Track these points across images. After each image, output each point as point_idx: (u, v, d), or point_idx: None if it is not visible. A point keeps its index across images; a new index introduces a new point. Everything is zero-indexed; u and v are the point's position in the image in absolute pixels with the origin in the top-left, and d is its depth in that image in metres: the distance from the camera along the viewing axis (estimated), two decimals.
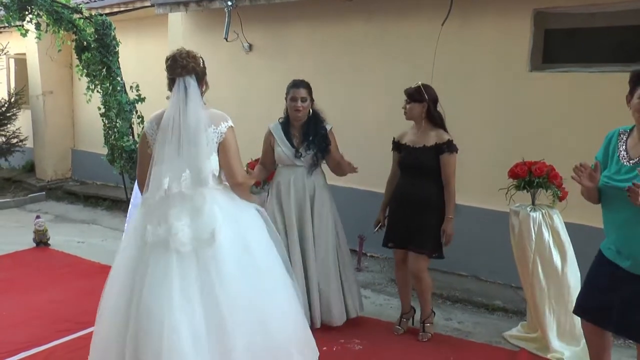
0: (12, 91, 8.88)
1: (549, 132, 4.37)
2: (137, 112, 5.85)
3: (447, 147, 3.48)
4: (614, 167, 2.48)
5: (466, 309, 4.31)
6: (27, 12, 5.51)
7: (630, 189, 2.22)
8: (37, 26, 5.73)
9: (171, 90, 2.62)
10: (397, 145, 3.70)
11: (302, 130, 3.68)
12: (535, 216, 3.39)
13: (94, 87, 5.84)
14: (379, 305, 4.34)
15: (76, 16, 5.73)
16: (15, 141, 8.43)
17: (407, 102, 3.56)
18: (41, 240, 5.63)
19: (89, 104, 5.97)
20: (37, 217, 5.78)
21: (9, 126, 8.39)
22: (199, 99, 2.59)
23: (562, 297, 3.41)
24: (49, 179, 8.79)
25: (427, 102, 3.50)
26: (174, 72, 2.57)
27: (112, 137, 5.86)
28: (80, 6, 5.96)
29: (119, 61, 5.84)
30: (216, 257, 2.50)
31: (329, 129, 3.72)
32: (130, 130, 5.86)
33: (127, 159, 5.76)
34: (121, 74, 5.86)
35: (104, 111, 5.92)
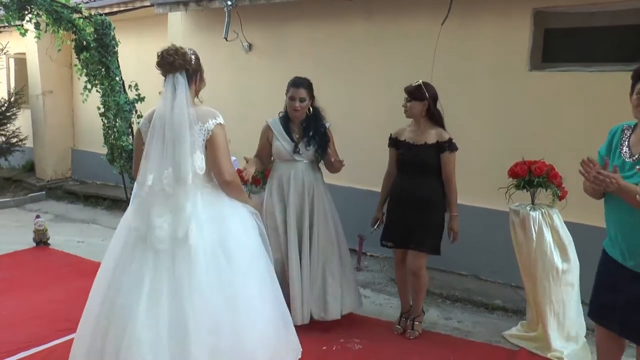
0: (12, 91, 8.88)
1: (548, 131, 4.37)
2: (136, 111, 5.85)
3: (449, 146, 3.50)
4: (616, 162, 2.46)
5: (466, 308, 4.31)
6: (26, 12, 5.51)
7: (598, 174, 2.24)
8: (37, 26, 5.73)
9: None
10: (394, 141, 3.69)
11: (301, 126, 3.68)
12: (535, 215, 3.39)
13: (91, 87, 5.84)
14: (379, 304, 4.34)
15: (76, 16, 5.72)
16: (15, 141, 8.44)
17: (407, 100, 3.55)
18: (41, 239, 5.63)
19: (84, 104, 5.97)
20: (37, 216, 5.78)
21: (8, 126, 8.39)
22: (185, 97, 2.55)
23: (562, 296, 3.41)
24: (48, 179, 8.79)
25: (427, 100, 3.49)
26: (163, 69, 2.57)
27: (112, 136, 5.85)
28: (79, 6, 5.95)
29: (117, 61, 5.83)
30: (190, 258, 2.48)
31: (327, 127, 3.72)
32: (129, 129, 5.86)
33: (127, 158, 5.75)
34: (120, 74, 5.85)
35: (103, 111, 5.92)
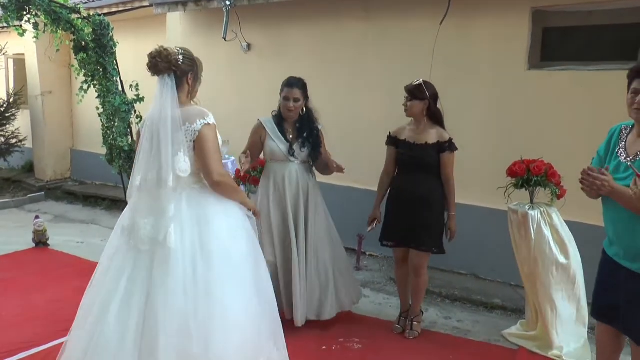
0: (11, 91, 8.88)
1: (547, 130, 4.37)
2: (135, 112, 5.83)
3: (449, 146, 3.49)
4: (613, 163, 2.47)
5: (465, 307, 4.32)
6: (25, 12, 5.49)
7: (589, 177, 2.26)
8: (35, 26, 5.72)
9: None
10: (394, 140, 3.67)
11: (295, 126, 3.66)
12: (533, 214, 3.39)
13: (88, 87, 5.83)
14: (378, 304, 4.34)
15: (74, 16, 5.71)
16: (14, 141, 8.44)
17: (407, 99, 3.53)
18: (40, 240, 5.62)
19: (80, 104, 5.96)
20: (36, 217, 5.77)
21: (8, 126, 8.39)
22: (170, 98, 2.55)
23: (563, 295, 3.41)
24: (48, 179, 8.78)
25: (428, 100, 3.48)
26: (151, 71, 2.61)
27: (111, 137, 5.84)
28: (78, 6, 5.94)
29: (115, 62, 5.82)
30: (168, 261, 2.48)
31: (320, 129, 3.71)
32: (128, 130, 5.85)
33: (126, 159, 5.74)
34: (118, 75, 5.84)
35: (101, 111, 5.91)
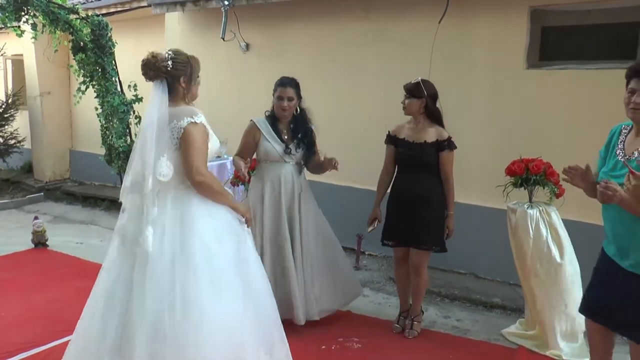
0: (9, 92, 8.87)
1: (546, 129, 4.38)
2: (134, 112, 5.83)
3: (448, 145, 3.50)
4: (611, 162, 2.49)
5: (464, 306, 4.32)
6: (23, 13, 5.50)
7: (601, 187, 2.21)
8: (34, 27, 5.71)
9: None
10: (393, 139, 3.67)
11: (289, 127, 3.66)
12: (532, 213, 3.39)
13: (86, 88, 5.83)
14: (378, 303, 4.34)
15: (73, 16, 5.71)
16: (13, 142, 8.44)
17: (405, 97, 3.55)
18: (39, 241, 5.61)
19: (77, 105, 5.96)
20: (36, 217, 5.76)
21: (6, 127, 8.38)
22: (158, 104, 2.61)
23: (560, 294, 3.41)
24: (47, 180, 8.77)
25: (425, 98, 3.48)
26: (145, 78, 2.71)
27: (109, 137, 5.84)
28: (76, 6, 5.94)
29: (114, 62, 5.82)
30: (147, 262, 2.51)
31: (313, 129, 3.71)
32: (127, 130, 5.85)
33: (125, 159, 5.74)
34: (116, 75, 5.84)
35: (100, 111, 5.91)
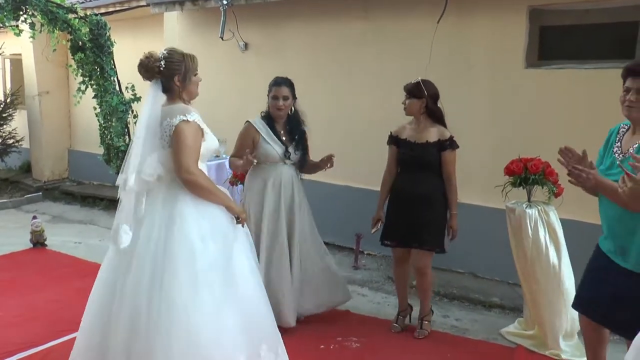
0: (8, 92, 8.86)
1: (544, 128, 4.37)
2: (132, 111, 5.83)
3: (450, 144, 3.49)
4: (608, 160, 2.51)
5: (463, 306, 4.32)
6: (21, 12, 5.49)
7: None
8: (32, 26, 5.70)
9: None
10: (395, 139, 3.66)
11: (285, 128, 3.67)
12: (531, 213, 3.39)
13: (85, 88, 5.82)
14: (377, 303, 4.34)
15: (71, 16, 5.70)
16: (11, 142, 8.43)
17: (406, 98, 3.54)
18: (38, 240, 5.61)
19: (77, 106, 5.94)
20: (34, 217, 5.76)
21: (5, 127, 8.37)
22: (150, 103, 2.68)
23: (558, 293, 3.41)
24: (45, 180, 8.75)
25: (425, 98, 3.48)
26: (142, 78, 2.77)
27: (108, 137, 5.84)
28: (75, 6, 5.93)
29: (112, 62, 5.81)
30: (131, 260, 2.56)
31: (305, 130, 3.73)
32: (125, 130, 5.84)
33: (123, 158, 5.72)
34: (115, 75, 5.83)
35: (99, 111, 5.90)
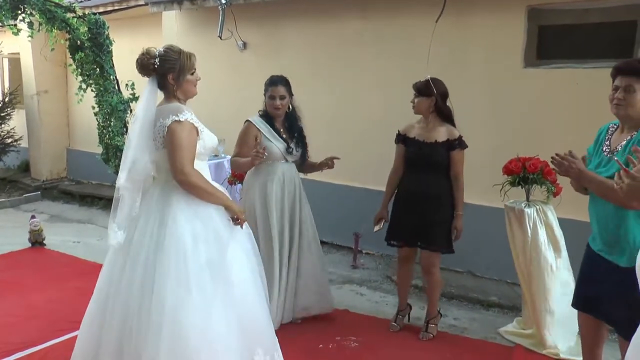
0: (6, 91, 8.84)
1: (543, 128, 4.38)
2: (131, 111, 5.82)
3: (459, 144, 3.46)
4: (597, 159, 2.53)
5: (462, 305, 4.32)
6: (19, 11, 5.47)
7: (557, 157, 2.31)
8: (30, 25, 5.69)
9: None
10: (403, 138, 3.62)
11: (284, 125, 3.67)
12: (529, 212, 3.40)
13: (86, 87, 5.81)
14: (375, 302, 4.34)
15: (69, 15, 5.69)
16: (10, 141, 8.41)
17: (415, 96, 3.51)
18: (36, 240, 5.60)
19: (79, 104, 5.93)
20: (33, 217, 5.75)
21: (3, 126, 8.36)
22: (145, 101, 2.66)
23: (556, 293, 3.42)
24: (44, 179, 8.74)
25: (435, 97, 3.45)
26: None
27: (107, 136, 5.83)
28: (73, 5, 5.92)
29: (112, 60, 5.80)
30: (126, 259, 2.60)
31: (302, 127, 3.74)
32: (124, 129, 5.83)
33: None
34: (114, 74, 5.82)
35: (97, 110, 5.89)
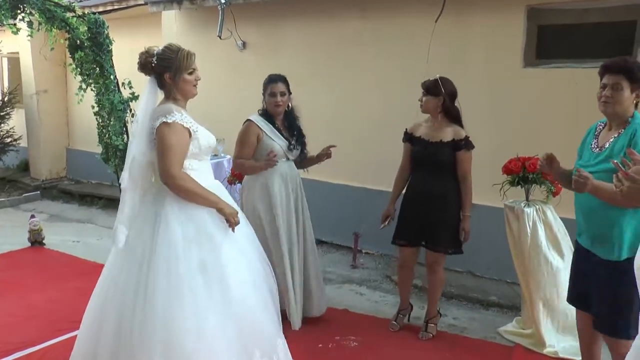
0: (5, 90, 8.84)
1: (542, 127, 4.38)
2: (131, 110, 5.81)
3: (465, 144, 3.44)
4: (585, 156, 2.57)
5: (461, 304, 4.32)
6: (19, 11, 5.45)
7: (575, 176, 2.28)
8: (30, 24, 5.68)
9: None
10: (409, 137, 3.61)
11: (284, 123, 3.67)
12: (529, 212, 3.40)
13: (87, 86, 5.80)
14: (375, 302, 4.34)
15: (69, 14, 5.68)
16: (9, 140, 8.41)
17: (423, 95, 3.50)
18: (36, 239, 5.60)
19: (80, 104, 5.93)
20: (32, 216, 5.75)
21: (2, 126, 8.36)
22: (145, 100, 2.66)
23: (556, 292, 3.42)
24: (43, 178, 8.74)
25: (443, 96, 3.43)
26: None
27: (106, 135, 5.82)
28: (73, 4, 5.91)
29: (112, 60, 5.80)
30: (122, 261, 2.59)
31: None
32: (124, 129, 5.83)
33: (122, 157, 5.71)
34: (114, 73, 5.82)
35: (97, 110, 5.89)
